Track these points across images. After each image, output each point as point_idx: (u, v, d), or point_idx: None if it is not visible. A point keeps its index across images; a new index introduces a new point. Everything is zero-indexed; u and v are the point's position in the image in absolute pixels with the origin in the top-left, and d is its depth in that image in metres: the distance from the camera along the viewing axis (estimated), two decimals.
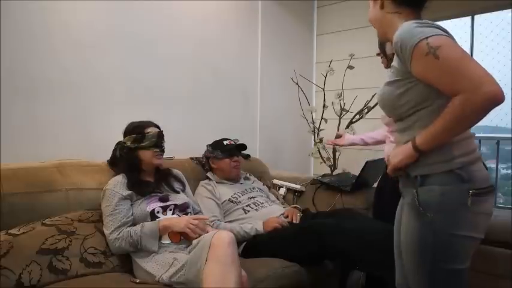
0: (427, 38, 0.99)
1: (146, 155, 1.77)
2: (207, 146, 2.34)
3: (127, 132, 1.80)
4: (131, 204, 1.70)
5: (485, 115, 0.98)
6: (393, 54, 1.78)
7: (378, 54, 1.94)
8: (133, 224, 1.67)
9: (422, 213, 1.08)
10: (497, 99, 0.94)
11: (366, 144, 2.34)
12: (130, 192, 1.69)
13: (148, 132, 1.77)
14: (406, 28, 1.04)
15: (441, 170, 1.06)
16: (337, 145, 2.30)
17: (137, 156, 1.77)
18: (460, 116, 0.97)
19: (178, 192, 1.87)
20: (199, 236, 1.58)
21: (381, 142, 2.22)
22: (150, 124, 1.82)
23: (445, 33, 1.02)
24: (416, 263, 1.13)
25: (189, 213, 1.84)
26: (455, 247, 1.08)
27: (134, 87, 2.27)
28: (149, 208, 1.70)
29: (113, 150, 1.85)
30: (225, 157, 2.25)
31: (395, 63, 1.13)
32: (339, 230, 1.74)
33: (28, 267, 1.38)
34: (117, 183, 1.70)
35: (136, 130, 1.78)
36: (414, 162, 1.10)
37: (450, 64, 0.97)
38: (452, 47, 0.99)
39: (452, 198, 1.05)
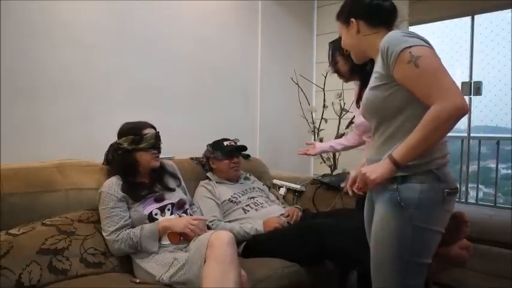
0: (410, 47, 1.08)
1: (144, 157, 1.74)
2: (207, 145, 2.34)
3: (122, 133, 1.77)
4: (128, 207, 1.69)
5: (455, 124, 1.09)
6: (348, 69, 1.82)
7: (334, 72, 1.97)
8: (132, 227, 1.66)
9: (404, 208, 1.13)
10: (465, 110, 1.05)
11: (336, 150, 2.36)
12: (125, 194, 1.68)
13: (146, 134, 1.75)
14: (393, 35, 1.14)
15: (422, 170, 1.14)
16: (307, 155, 2.32)
17: (134, 158, 1.74)
18: (437, 124, 1.06)
19: (174, 190, 1.85)
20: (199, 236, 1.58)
21: (350, 147, 2.24)
22: (146, 125, 1.79)
23: (427, 45, 1.11)
24: (392, 257, 1.17)
25: (187, 210, 1.83)
26: (430, 241, 1.17)
27: (134, 87, 2.27)
28: (146, 211, 1.69)
29: (106, 152, 1.82)
30: (225, 158, 2.25)
31: (379, 68, 1.18)
32: (339, 230, 1.74)
33: (28, 267, 1.38)
34: (112, 185, 1.68)
35: (132, 131, 1.75)
36: None
37: (428, 74, 1.07)
38: (431, 58, 1.09)
39: (430, 196, 1.14)
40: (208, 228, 1.89)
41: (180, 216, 1.75)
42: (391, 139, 1.18)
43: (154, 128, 1.81)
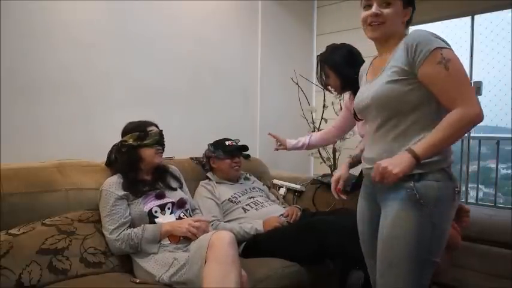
0: (441, 48, 1.11)
1: (148, 153, 1.76)
2: (208, 145, 2.34)
3: (127, 131, 1.79)
4: (128, 204, 1.69)
5: (470, 130, 1.17)
6: (340, 84, 1.84)
7: (324, 86, 1.96)
8: (132, 225, 1.67)
9: (424, 206, 1.13)
10: (481, 119, 1.11)
11: (308, 147, 2.30)
12: (126, 192, 1.69)
13: (150, 131, 1.78)
14: (423, 33, 1.14)
15: (437, 168, 1.15)
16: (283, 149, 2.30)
17: (138, 154, 1.76)
18: (459, 127, 1.10)
19: (175, 190, 1.86)
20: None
21: (322, 145, 2.36)
22: (151, 123, 1.82)
23: (452, 49, 1.13)
24: (408, 256, 1.15)
25: (188, 210, 1.84)
26: (443, 239, 1.18)
27: (134, 87, 2.27)
28: (146, 208, 1.69)
29: (108, 153, 1.84)
30: (226, 157, 2.25)
31: (398, 63, 1.17)
32: (339, 228, 1.74)
33: (28, 267, 1.38)
34: (113, 184, 1.69)
35: (138, 128, 1.78)
36: None
37: (456, 78, 1.10)
38: (459, 64, 1.12)
39: (445, 194, 1.16)
40: None
41: (180, 216, 1.76)
42: (403, 136, 1.18)
43: (157, 126, 1.84)
